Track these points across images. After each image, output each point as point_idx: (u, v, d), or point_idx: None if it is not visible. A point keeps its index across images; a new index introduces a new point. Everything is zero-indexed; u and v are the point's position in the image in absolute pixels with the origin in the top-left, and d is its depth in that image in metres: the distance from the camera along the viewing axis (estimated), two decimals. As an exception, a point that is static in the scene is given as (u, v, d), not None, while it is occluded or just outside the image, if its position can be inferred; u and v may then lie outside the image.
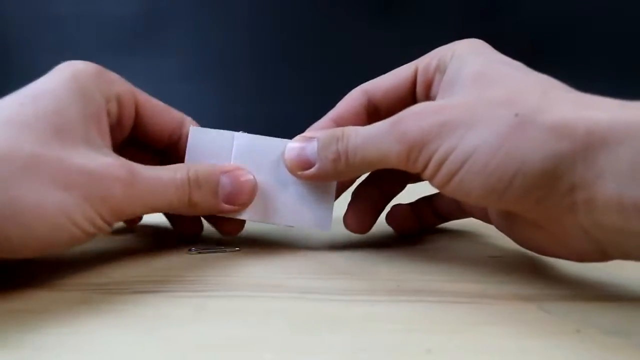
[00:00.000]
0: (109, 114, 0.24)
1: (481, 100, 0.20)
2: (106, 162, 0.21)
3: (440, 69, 0.24)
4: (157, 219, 0.32)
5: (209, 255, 0.25)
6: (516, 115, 0.19)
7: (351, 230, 0.27)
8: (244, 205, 0.25)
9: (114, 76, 0.25)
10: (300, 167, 0.24)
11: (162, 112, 0.26)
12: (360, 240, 0.28)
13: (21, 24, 0.64)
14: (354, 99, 0.26)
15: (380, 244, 0.28)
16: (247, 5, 0.64)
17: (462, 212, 0.27)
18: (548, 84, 0.21)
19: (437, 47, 0.25)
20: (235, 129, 0.26)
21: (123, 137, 0.26)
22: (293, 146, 0.24)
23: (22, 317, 0.18)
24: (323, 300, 0.20)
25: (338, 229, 0.27)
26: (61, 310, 0.19)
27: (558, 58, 0.64)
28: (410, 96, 0.26)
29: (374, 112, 0.26)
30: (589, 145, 0.17)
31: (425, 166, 0.20)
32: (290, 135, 0.24)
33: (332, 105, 0.27)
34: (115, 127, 0.25)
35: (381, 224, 0.31)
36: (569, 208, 0.18)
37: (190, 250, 0.26)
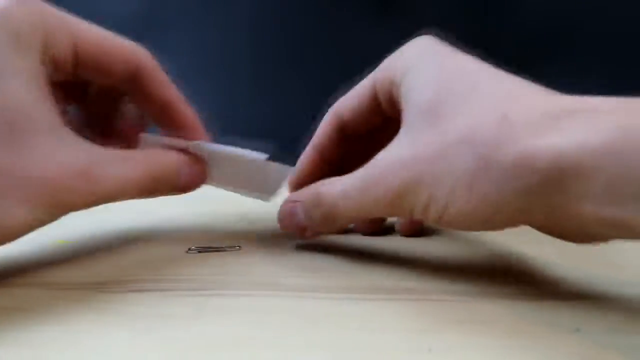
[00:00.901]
0: (49, 74, 0.21)
1: (440, 143, 0.19)
2: (63, 165, 0.20)
3: (396, 84, 0.23)
4: (157, 218, 0.32)
5: (208, 254, 0.25)
6: (474, 154, 0.18)
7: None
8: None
9: (44, 24, 0.21)
10: (299, 233, 0.25)
11: (106, 51, 0.23)
12: (360, 239, 0.28)
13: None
14: (327, 124, 0.27)
15: (380, 244, 0.28)
16: (247, 5, 0.64)
17: None
18: (508, 100, 0.19)
19: None
20: (236, 129, 0.26)
21: (62, 79, 0.24)
22: (283, 214, 0.25)
23: (20, 315, 0.18)
24: (322, 299, 0.20)
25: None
26: (59, 309, 0.19)
27: (557, 57, 0.64)
28: (376, 112, 0.25)
29: (347, 133, 0.27)
30: (556, 177, 0.17)
31: (412, 214, 0.21)
32: (289, 135, 0.24)
33: (330, 105, 0.27)
34: (55, 82, 0.23)
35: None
36: (555, 217, 0.18)
37: (189, 249, 0.26)
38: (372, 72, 0.25)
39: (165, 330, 0.17)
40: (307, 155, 0.27)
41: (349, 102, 0.26)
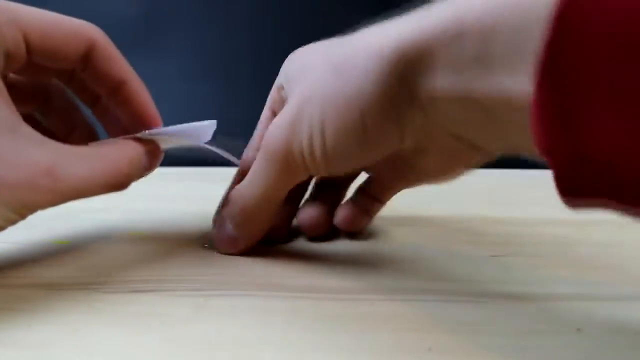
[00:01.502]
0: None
1: (291, 107, 0.22)
2: (27, 165, 0.19)
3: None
4: (157, 218, 0.32)
5: (209, 254, 0.25)
6: (330, 64, 0.20)
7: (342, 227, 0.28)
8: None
9: None
10: (231, 245, 0.25)
11: (56, 34, 0.23)
12: (360, 239, 0.28)
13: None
14: (265, 120, 0.28)
15: (380, 243, 0.28)
16: (247, 5, 0.64)
17: (395, 180, 0.27)
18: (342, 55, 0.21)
19: None
20: (236, 129, 0.26)
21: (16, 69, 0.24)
22: (219, 242, 0.25)
23: (21, 315, 0.18)
24: (323, 300, 0.20)
25: (337, 229, 0.27)
26: (59, 309, 0.19)
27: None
28: None
29: None
30: (402, 60, 0.18)
31: (306, 170, 0.22)
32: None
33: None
34: (12, 83, 0.23)
35: (381, 224, 0.31)
36: (421, 115, 0.19)
37: (205, 245, 0.26)
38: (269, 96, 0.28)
39: (165, 330, 0.17)
40: (250, 154, 0.27)
41: (261, 122, 0.28)
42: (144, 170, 0.25)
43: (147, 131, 0.25)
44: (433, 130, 0.20)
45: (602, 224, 0.31)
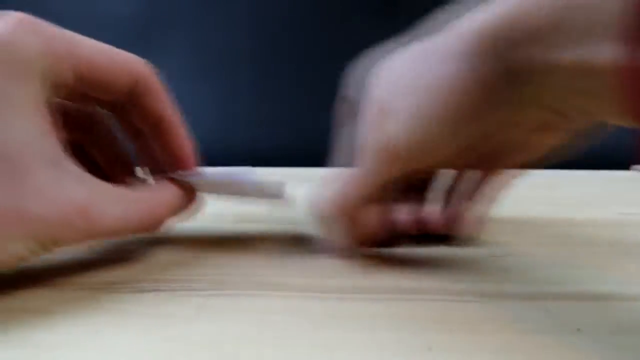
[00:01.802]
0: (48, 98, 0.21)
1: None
2: (62, 203, 0.19)
3: None
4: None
5: (210, 254, 0.25)
6: (411, 57, 0.21)
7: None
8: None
9: (49, 50, 0.20)
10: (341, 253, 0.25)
11: (107, 67, 0.23)
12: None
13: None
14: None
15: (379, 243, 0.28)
16: (247, 5, 0.64)
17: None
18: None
19: None
20: (236, 128, 0.26)
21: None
22: (325, 248, 0.26)
23: (25, 315, 0.18)
24: (323, 299, 0.20)
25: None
26: (63, 308, 0.19)
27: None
28: None
29: None
30: (506, 35, 0.18)
31: (401, 152, 0.21)
32: (290, 135, 0.24)
33: (331, 105, 0.27)
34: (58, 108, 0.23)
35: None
36: (518, 90, 0.19)
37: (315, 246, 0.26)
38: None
39: (168, 330, 0.17)
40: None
41: None
42: (178, 213, 0.25)
43: (192, 175, 0.25)
44: (528, 106, 0.19)
45: (603, 224, 0.31)
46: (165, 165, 0.26)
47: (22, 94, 0.19)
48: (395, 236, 0.27)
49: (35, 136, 0.19)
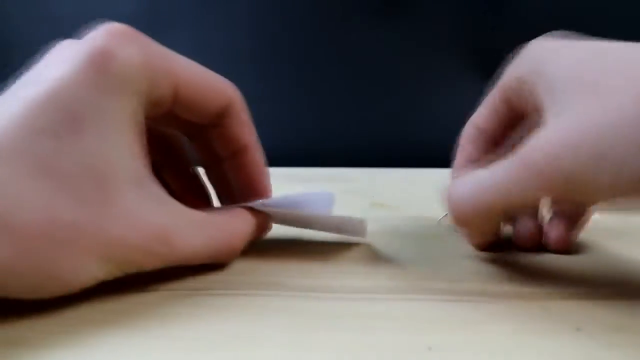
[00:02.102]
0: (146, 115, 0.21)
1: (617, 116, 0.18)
2: (144, 226, 0.19)
3: (528, 80, 0.22)
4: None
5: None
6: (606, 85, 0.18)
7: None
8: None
9: (149, 66, 0.20)
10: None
11: (203, 90, 0.22)
12: (360, 239, 0.28)
13: (21, 23, 0.64)
14: (469, 135, 0.27)
15: (379, 243, 0.28)
16: (248, 6, 0.64)
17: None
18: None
19: (436, 49, 0.24)
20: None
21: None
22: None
23: (23, 314, 0.18)
24: (323, 299, 0.20)
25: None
26: (60, 308, 0.19)
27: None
28: (509, 117, 0.25)
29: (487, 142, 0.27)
30: None
31: (570, 187, 0.19)
32: (290, 135, 0.24)
33: (331, 105, 0.27)
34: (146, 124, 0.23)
35: (380, 223, 0.31)
36: None
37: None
38: (496, 85, 0.25)
39: (166, 330, 0.17)
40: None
41: (483, 111, 0.26)
42: (251, 241, 0.24)
43: (262, 201, 0.25)
44: None
45: (602, 224, 0.31)
46: (240, 193, 0.26)
47: (117, 109, 0.19)
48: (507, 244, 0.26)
49: (126, 155, 0.19)
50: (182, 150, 0.27)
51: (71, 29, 0.23)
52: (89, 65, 0.18)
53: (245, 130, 0.25)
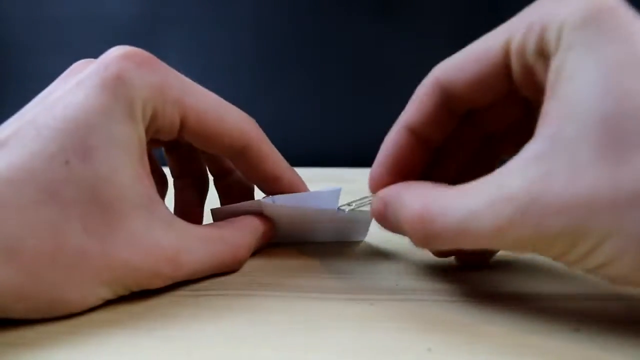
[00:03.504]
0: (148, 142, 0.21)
1: (613, 189, 0.14)
2: (152, 251, 0.19)
3: (544, 54, 0.16)
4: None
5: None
6: None
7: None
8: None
9: (159, 95, 0.20)
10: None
11: (214, 128, 0.22)
12: (359, 239, 0.28)
13: (21, 25, 0.64)
14: (428, 97, 0.20)
15: (379, 243, 0.28)
16: (248, 6, 0.64)
17: None
18: None
19: (436, 48, 0.22)
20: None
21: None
22: (374, 214, 0.21)
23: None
24: (323, 299, 0.20)
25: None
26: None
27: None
28: (503, 85, 0.18)
29: (454, 108, 0.20)
30: None
31: (556, 259, 0.16)
32: (290, 135, 0.24)
33: (331, 105, 0.27)
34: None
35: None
36: None
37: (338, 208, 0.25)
38: (503, 26, 0.18)
39: (166, 330, 0.17)
40: (393, 137, 0.21)
41: (464, 72, 0.19)
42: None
43: (271, 197, 0.25)
44: None
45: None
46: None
47: (126, 135, 0.19)
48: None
49: (134, 180, 0.19)
50: (202, 168, 0.28)
51: (71, 30, 0.23)
52: (103, 92, 0.18)
53: (270, 164, 0.24)
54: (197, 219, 0.27)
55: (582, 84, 0.15)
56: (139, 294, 0.20)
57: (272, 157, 0.24)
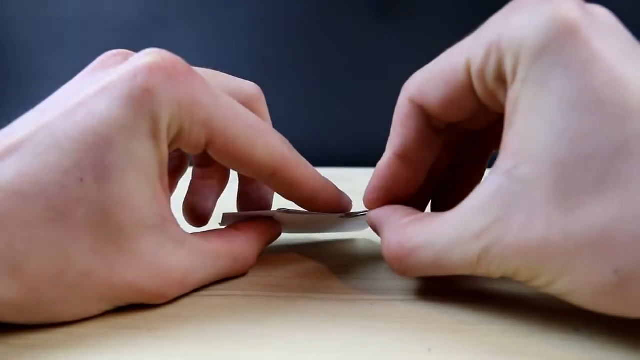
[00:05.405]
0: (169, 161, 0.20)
1: (568, 234, 0.14)
2: (160, 275, 0.18)
3: (503, 80, 0.16)
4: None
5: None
6: (615, 272, 0.14)
7: None
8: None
9: (186, 114, 0.19)
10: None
11: (240, 154, 0.20)
12: (360, 240, 0.28)
13: (22, 26, 0.64)
14: (411, 120, 0.20)
15: (380, 243, 0.28)
16: (248, 6, 0.64)
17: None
18: None
19: (436, 49, 0.21)
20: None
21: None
22: (371, 225, 0.23)
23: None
24: (323, 299, 0.20)
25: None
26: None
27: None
28: (476, 103, 0.19)
29: (435, 124, 0.21)
30: None
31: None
32: (288, 135, 0.24)
33: (331, 105, 0.27)
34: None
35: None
36: None
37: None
38: (463, 43, 0.18)
39: (166, 330, 0.17)
40: (385, 166, 0.22)
41: (437, 93, 0.19)
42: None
43: (281, 211, 0.25)
44: None
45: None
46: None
47: (147, 154, 0.18)
48: None
49: (149, 201, 0.18)
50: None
51: (72, 31, 0.23)
52: (127, 104, 0.17)
53: (301, 186, 0.23)
54: (204, 215, 0.26)
55: (537, 123, 0.15)
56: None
57: (304, 181, 0.23)
